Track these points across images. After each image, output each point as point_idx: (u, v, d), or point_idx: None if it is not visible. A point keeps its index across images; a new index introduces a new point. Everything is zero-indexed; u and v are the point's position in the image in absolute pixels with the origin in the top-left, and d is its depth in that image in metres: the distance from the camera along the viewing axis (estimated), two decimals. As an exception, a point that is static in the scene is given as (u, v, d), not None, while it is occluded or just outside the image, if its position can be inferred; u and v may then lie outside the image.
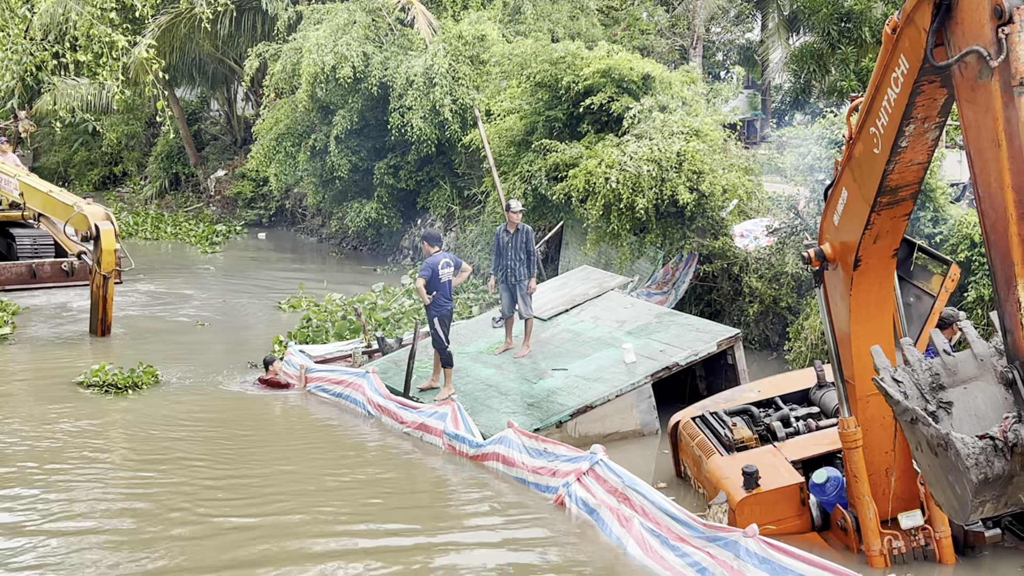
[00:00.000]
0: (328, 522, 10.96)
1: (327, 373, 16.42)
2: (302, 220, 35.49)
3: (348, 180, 28.78)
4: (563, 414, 13.27)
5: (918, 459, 7.34)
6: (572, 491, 10.89)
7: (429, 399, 14.49)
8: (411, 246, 28.33)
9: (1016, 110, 6.18)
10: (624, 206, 17.64)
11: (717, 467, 10.65)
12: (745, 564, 8.46)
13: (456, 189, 27.42)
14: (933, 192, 14.55)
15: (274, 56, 29.63)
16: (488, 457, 12.43)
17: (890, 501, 9.46)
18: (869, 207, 8.06)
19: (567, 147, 19.55)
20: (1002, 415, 6.72)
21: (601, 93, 19.56)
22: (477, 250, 23.95)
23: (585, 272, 18.23)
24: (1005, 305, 6.62)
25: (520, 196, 19.89)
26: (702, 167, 17.67)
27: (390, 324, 19.62)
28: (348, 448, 13.93)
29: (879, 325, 8.94)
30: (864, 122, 7.81)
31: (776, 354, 16.77)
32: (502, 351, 15.58)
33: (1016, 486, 6.65)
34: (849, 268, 8.64)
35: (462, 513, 11.57)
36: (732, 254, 17.75)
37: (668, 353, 14.02)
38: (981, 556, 9.60)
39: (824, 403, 11.44)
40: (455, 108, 25.79)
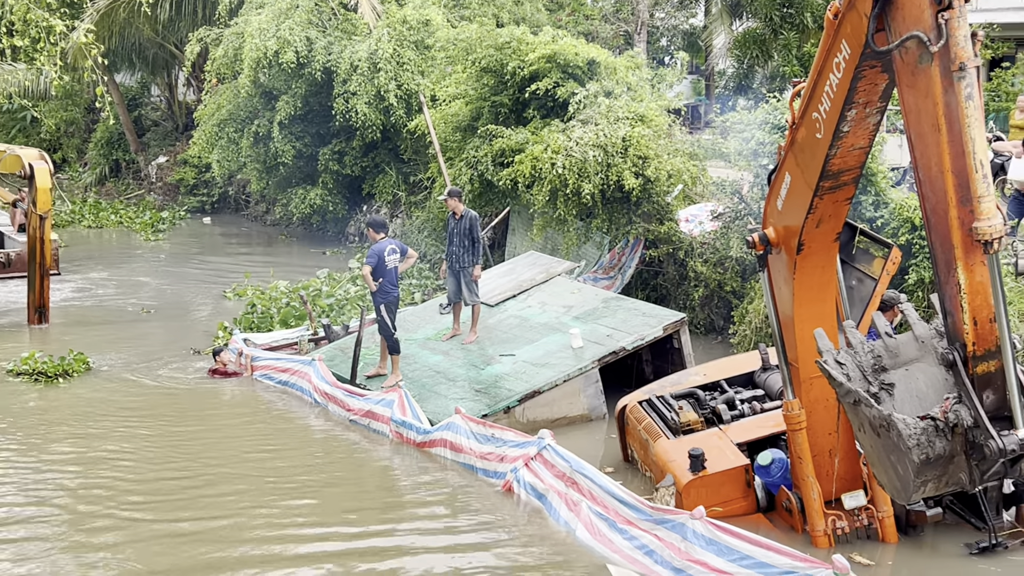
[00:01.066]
0: (271, 520, 10.74)
1: (273, 361, 16.29)
2: (246, 207, 35.13)
3: (292, 166, 28.52)
4: (511, 400, 13.28)
5: (861, 440, 7.45)
6: (520, 476, 10.90)
7: (376, 386, 14.43)
8: (357, 232, 28.15)
9: (956, 95, 6.27)
10: (570, 191, 17.66)
11: (664, 450, 10.72)
12: (692, 546, 8.54)
13: (402, 175, 27.28)
14: (874, 176, 14.72)
15: (215, 41, 29.22)
16: (436, 444, 12.41)
17: (834, 482, 9.58)
18: (812, 191, 8.14)
19: (513, 132, 19.53)
20: (943, 396, 6.84)
21: (547, 79, 19.55)
22: (424, 236, 23.85)
23: (532, 258, 18.24)
24: (945, 287, 6.73)
25: (466, 182, 19.85)
26: (647, 152, 17.73)
27: (335, 311, 19.50)
28: (293, 438, 13.80)
29: (822, 308, 9.04)
30: (806, 107, 7.88)
31: (721, 338, 16.91)
32: (449, 337, 15.55)
33: (957, 466, 6.77)
34: (792, 252, 8.71)
35: (409, 501, 11.53)
36: (677, 239, 17.85)
37: (615, 338, 14.08)
38: (923, 535, 9.75)
39: (769, 386, 11.56)
40: (400, 93, 25.63)
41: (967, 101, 6.23)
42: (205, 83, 31.15)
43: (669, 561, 8.69)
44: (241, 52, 27.02)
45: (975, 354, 6.62)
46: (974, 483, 6.85)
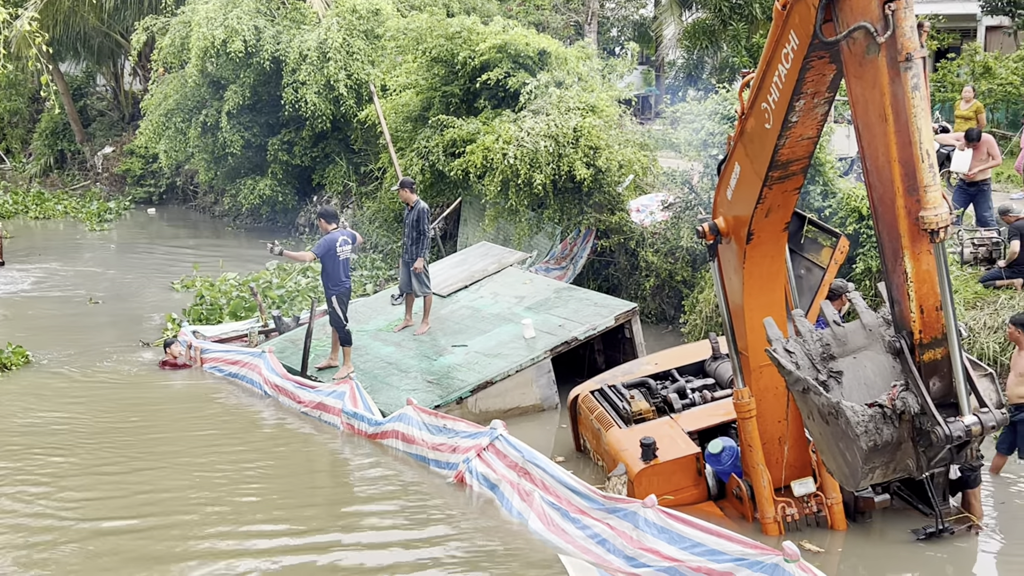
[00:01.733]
0: (221, 514, 10.58)
1: (222, 353, 16.15)
2: (194, 197, 34.78)
3: (241, 156, 28.28)
4: (463, 390, 13.26)
5: (810, 428, 7.51)
6: (473, 467, 10.89)
7: (327, 378, 14.35)
8: (307, 223, 27.96)
9: (902, 85, 6.33)
10: (522, 182, 17.66)
11: (616, 439, 10.76)
12: (644, 534, 8.58)
13: (352, 165, 27.14)
14: (822, 166, 14.85)
15: (162, 30, 28.89)
16: (387, 435, 12.36)
17: (783, 469, 9.66)
18: (761, 181, 8.18)
19: (464, 123, 19.47)
20: (890, 383, 6.91)
21: (497, 68, 19.51)
22: (375, 227, 23.74)
23: (484, 248, 18.22)
24: (892, 276, 6.80)
25: (417, 172, 19.77)
26: (598, 143, 17.76)
27: (287, 303, 19.37)
28: (243, 430, 13.68)
29: (771, 297, 9.10)
30: (755, 98, 7.91)
31: (672, 327, 16.99)
32: (401, 328, 15.50)
33: (904, 452, 6.85)
34: (742, 242, 8.76)
35: (361, 493, 11.48)
36: (628, 229, 17.91)
37: (567, 328, 14.10)
38: (871, 521, 9.87)
39: (719, 374, 11.63)
40: (350, 83, 25.49)
41: (913, 91, 6.29)
42: (152, 72, 30.78)
43: (621, 550, 8.72)
44: (188, 41, 26.74)
45: (922, 342, 6.69)
46: (921, 469, 6.93)
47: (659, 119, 25.38)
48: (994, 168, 16.17)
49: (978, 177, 15.19)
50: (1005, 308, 12.76)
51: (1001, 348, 12.32)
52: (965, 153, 14.94)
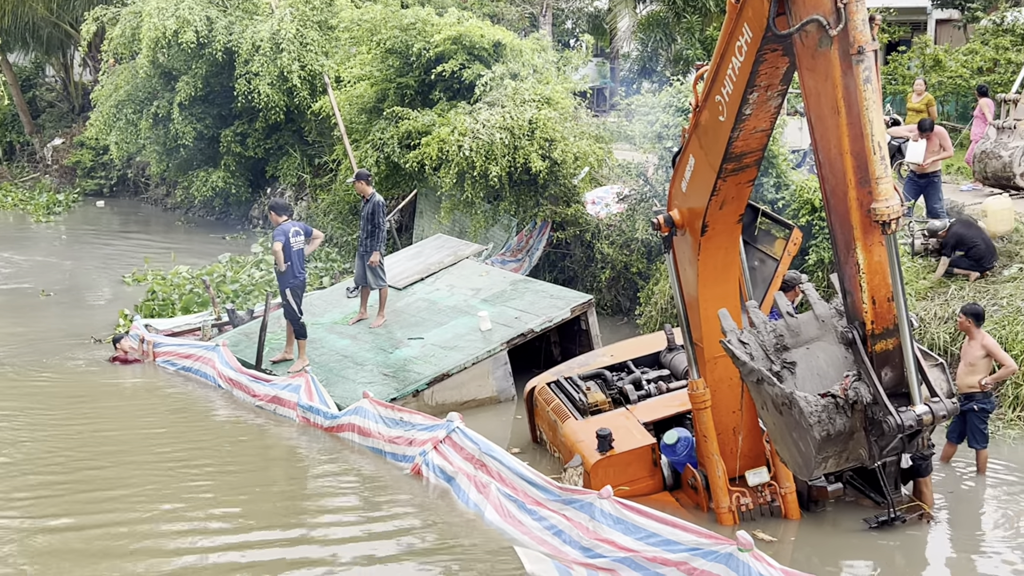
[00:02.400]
0: (174, 510, 10.40)
1: (175, 347, 16.00)
2: (145, 190, 34.43)
3: (193, 148, 28.02)
4: (420, 383, 13.23)
5: (764, 418, 7.57)
6: (429, 460, 10.87)
7: (282, 371, 14.26)
8: (261, 216, 27.77)
9: (854, 78, 6.38)
10: (477, 174, 17.63)
11: (572, 431, 10.78)
12: (600, 525, 8.60)
13: (306, 157, 26.99)
14: (775, 159, 14.96)
15: (112, 20, 28.52)
16: (343, 428, 12.32)
17: (738, 459, 9.73)
18: (715, 173, 8.22)
19: (419, 114, 19.40)
20: (843, 373, 6.98)
21: (452, 60, 19.46)
22: (330, 219, 23.61)
23: (440, 240, 18.18)
24: (845, 267, 6.86)
25: (372, 164, 19.67)
26: (554, 135, 17.77)
27: (241, 296, 19.21)
28: (197, 425, 13.57)
29: (726, 289, 9.16)
30: (710, 90, 7.94)
31: (628, 319, 17.06)
32: (356, 321, 15.43)
33: (857, 442, 6.92)
34: (697, 233, 8.80)
35: (317, 486, 11.43)
36: (584, 221, 17.95)
37: (523, 320, 14.11)
38: (824, 510, 9.97)
39: (674, 366, 11.69)
40: (304, 74, 25.33)
41: (865, 84, 6.35)
42: (102, 63, 30.43)
43: (577, 541, 8.74)
44: (139, 32, 26.43)
45: (874, 332, 6.76)
46: (873, 459, 7.01)
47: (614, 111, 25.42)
48: (944, 160, 16.36)
49: (929, 169, 15.37)
50: (955, 299, 12.93)
51: (951, 338, 12.48)
52: (919, 144, 15.09)
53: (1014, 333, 12.17)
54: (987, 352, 10.41)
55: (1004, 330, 12.20)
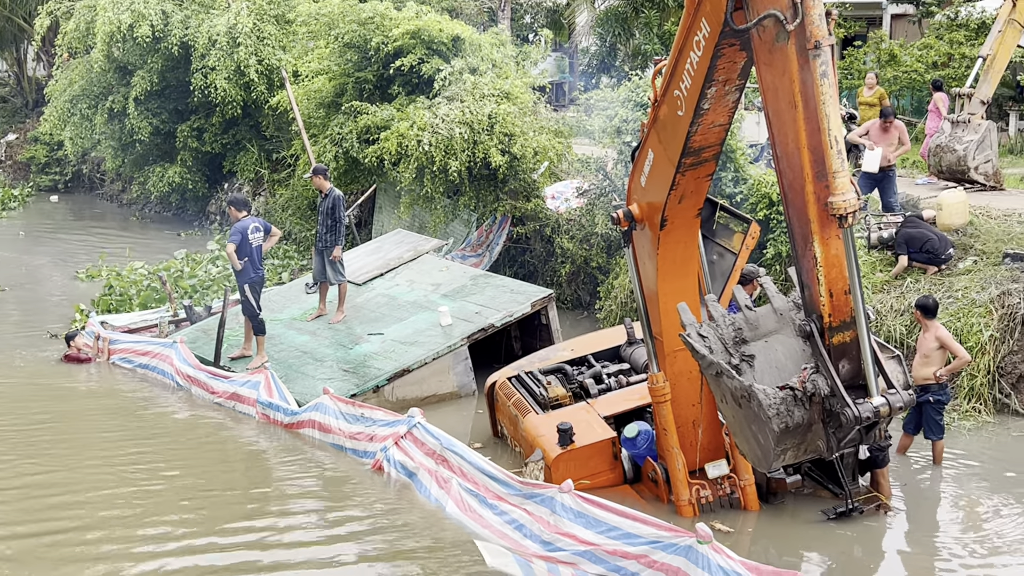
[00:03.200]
0: (132, 509, 10.29)
1: (132, 344, 15.84)
2: (101, 185, 34.06)
3: (149, 143, 27.76)
4: (380, 378, 13.20)
5: (723, 411, 7.62)
6: (390, 455, 10.85)
7: (241, 368, 14.17)
8: (218, 211, 27.55)
9: (811, 72, 6.43)
10: (437, 169, 17.59)
11: (533, 425, 10.80)
12: (561, 519, 8.62)
13: (264, 152, 26.80)
14: (733, 153, 15.05)
15: (67, 14, 28.18)
16: (304, 425, 12.26)
17: (698, 452, 9.79)
18: (674, 168, 8.25)
19: (378, 109, 19.33)
20: (801, 366, 7.03)
21: (411, 55, 19.39)
22: (288, 215, 23.45)
23: (399, 236, 18.13)
24: (802, 261, 6.91)
25: (331, 159, 19.57)
26: (513, 129, 17.76)
27: (198, 292, 19.06)
28: (155, 423, 13.42)
29: (685, 283, 9.20)
30: (668, 85, 7.97)
31: (588, 313, 17.09)
32: (315, 317, 15.35)
33: (815, 434, 6.98)
34: (656, 228, 8.84)
35: (277, 483, 11.34)
36: (544, 216, 17.96)
37: (484, 315, 14.10)
38: (783, 502, 10.04)
39: (634, 359, 11.74)
40: (261, 69, 25.14)
41: (822, 79, 6.40)
42: (56, 58, 30.01)
43: (538, 535, 8.76)
44: (94, 25, 26.12)
45: (831, 325, 6.82)
46: (831, 450, 7.07)
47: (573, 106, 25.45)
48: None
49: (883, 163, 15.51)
50: (911, 291, 13.07)
51: (907, 330, 12.62)
52: (875, 152, 15.23)
53: (968, 325, 12.33)
54: (941, 344, 10.54)
55: (959, 322, 12.36)
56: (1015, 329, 12.35)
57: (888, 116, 15.86)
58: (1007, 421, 12.07)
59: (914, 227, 13.81)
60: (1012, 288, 12.58)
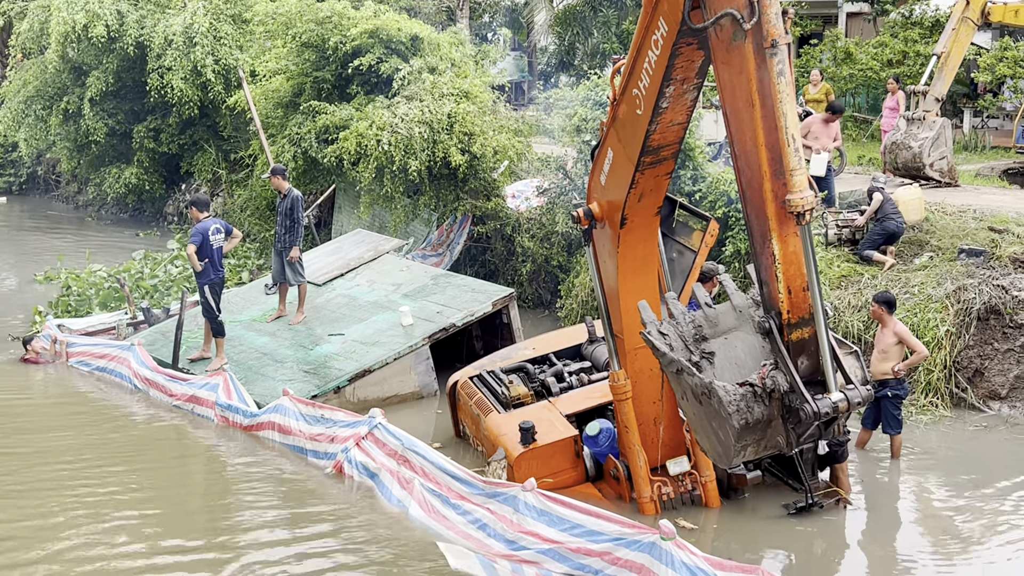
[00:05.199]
0: (90, 515, 10.15)
1: (90, 347, 15.67)
2: (56, 187, 33.67)
3: (105, 144, 27.50)
4: (341, 379, 13.14)
5: (684, 408, 7.65)
6: (351, 456, 10.80)
7: (200, 370, 14.05)
8: (176, 212, 27.33)
9: (768, 71, 6.46)
10: (396, 168, 17.54)
11: (495, 424, 10.79)
12: (524, 517, 8.63)
13: (222, 152, 26.63)
14: (692, 151, 15.13)
15: (20, 14, 27.90)
16: (263, 427, 12.18)
17: (659, 449, 9.83)
18: (633, 166, 8.28)
19: (337, 109, 19.24)
20: (760, 363, 7.07)
21: (370, 54, 19.31)
22: (247, 215, 23.30)
23: (359, 236, 18.06)
24: (761, 258, 6.95)
25: (289, 159, 19.46)
26: (473, 129, 17.75)
27: (160, 292, 18.89)
28: (112, 426, 13.27)
29: (645, 281, 9.23)
30: (627, 84, 7.99)
31: (549, 312, 17.12)
32: (275, 318, 15.26)
33: (774, 430, 7.02)
34: (616, 226, 8.86)
35: (237, 486, 11.26)
36: (504, 215, 17.96)
37: (445, 314, 14.08)
38: (743, 497, 10.11)
39: (595, 357, 11.76)
40: (218, 69, 24.97)
41: (779, 77, 6.44)
42: (9, 59, 29.68)
43: (502, 534, 8.76)
44: (48, 26, 25.88)
45: (790, 322, 6.86)
46: (791, 446, 7.12)
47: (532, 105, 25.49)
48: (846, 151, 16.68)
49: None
50: (868, 287, 13.20)
51: (865, 326, 12.74)
52: (820, 156, 15.36)
53: (925, 320, 12.47)
54: (899, 339, 10.65)
55: (916, 317, 12.50)
56: (971, 324, 12.51)
57: (839, 111, 16.02)
58: (964, 415, 12.22)
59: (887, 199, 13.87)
60: (967, 283, 12.74)
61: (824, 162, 15.33)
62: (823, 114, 16.14)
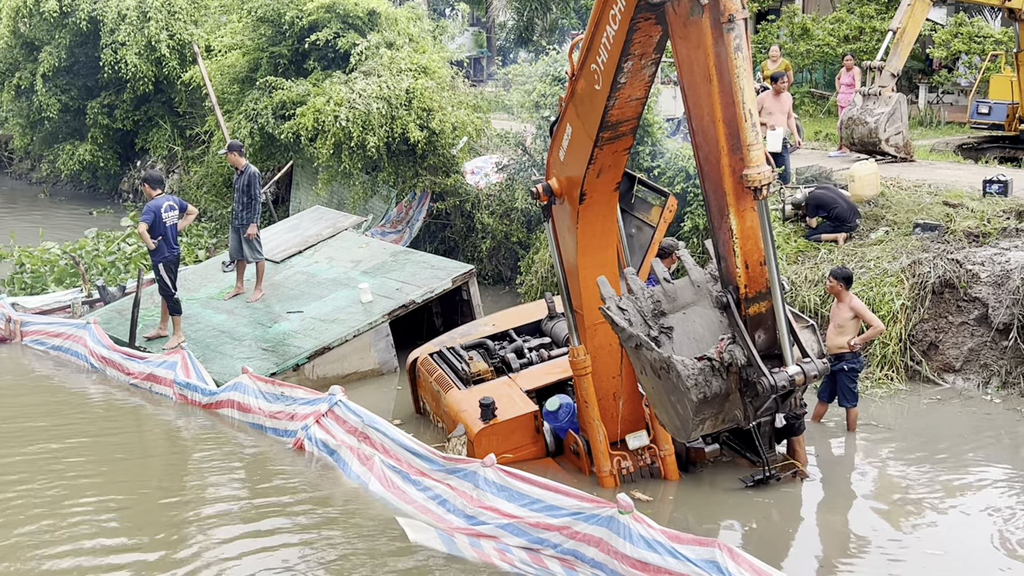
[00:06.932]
0: (50, 496, 10.05)
1: (44, 326, 15.50)
2: (9, 164, 33.20)
3: (59, 121, 27.13)
4: (300, 357, 13.09)
5: (643, 382, 7.69)
6: (311, 434, 10.78)
7: (157, 348, 13.94)
8: (131, 189, 27.04)
9: (725, 46, 6.48)
10: (355, 144, 17.43)
11: (455, 401, 10.81)
12: (484, 493, 8.66)
13: (177, 129, 26.34)
14: (651, 127, 15.15)
15: (-32, -12, 27.35)
16: (223, 405, 12.12)
17: (618, 424, 9.88)
18: (592, 142, 8.28)
19: (293, 84, 19.05)
20: (718, 337, 7.12)
21: (326, 29, 19.13)
22: (203, 192, 23.08)
23: (318, 212, 17.96)
24: (718, 233, 6.99)
25: (246, 136, 19.27)
26: (431, 104, 17.66)
27: (117, 270, 18.68)
28: (69, 406, 13.15)
29: (604, 256, 9.26)
30: (585, 59, 7.98)
31: (509, 288, 17.13)
32: (232, 296, 15.16)
33: (732, 403, 7.08)
34: (575, 202, 8.87)
35: (197, 465, 11.21)
36: (464, 191, 17.92)
37: (404, 291, 14.05)
38: (702, 471, 10.20)
39: (555, 333, 11.79)
40: (173, 44, 24.68)
41: (736, 52, 6.46)
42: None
43: (461, 509, 8.78)
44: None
45: (747, 296, 6.92)
46: (748, 419, 7.19)
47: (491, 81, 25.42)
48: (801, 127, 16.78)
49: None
50: (825, 262, 13.31)
51: (821, 300, 12.85)
52: (776, 132, 15.44)
53: (881, 295, 12.60)
54: (855, 314, 10.76)
55: (871, 292, 12.62)
56: (926, 298, 12.66)
57: (776, 79, 16.13)
58: (918, 388, 12.38)
59: (825, 190, 14.10)
60: (922, 257, 12.88)
61: (780, 138, 15.42)
62: (773, 86, 16.22)
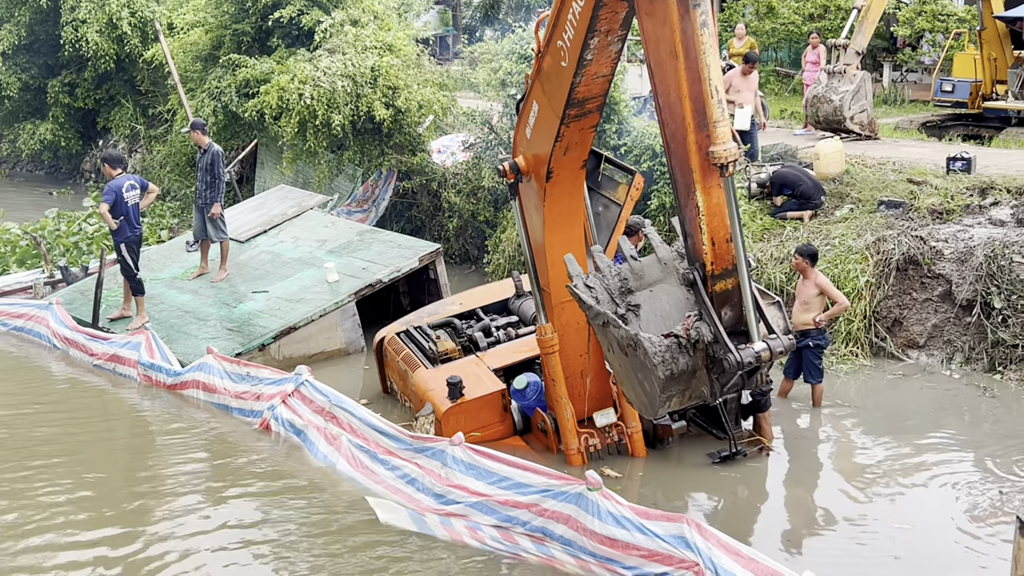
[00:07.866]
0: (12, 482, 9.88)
1: (6, 306, 15.33)
2: (-32, 144, 32.71)
3: (18, 100, 26.78)
4: (265, 337, 13.01)
5: (610, 360, 7.69)
6: (278, 414, 10.73)
7: (121, 329, 13.82)
8: (93, 168, 26.74)
9: (691, 22, 6.45)
10: (320, 123, 17.30)
11: (423, 380, 10.79)
12: (452, 471, 8.66)
13: (140, 107, 26.07)
14: (617, 105, 15.13)
15: (-77, -37, 26.88)
16: (188, 385, 12.03)
17: (586, 402, 9.90)
18: (559, 119, 8.25)
19: (257, 62, 18.90)
20: (685, 314, 7.12)
21: (290, 6, 18.99)
22: (166, 171, 22.87)
23: (283, 191, 17.83)
24: (685, 210, 6.98)
25: (209, 114, 19.10)
26: (397, 83, 17.56)
27: (78, 249, 18.49)
28: (32, 387, 13.03)
29: (571, 234, 9.24)
30: (551, 36, 7.94)
31: (476, 267, 17.10)
32: (197, 275, 15.04)
33: (699, 380, 7.09)
34: (542, 180, 8.84)
35: (163, 446, 11.12)
36: (430, 170, 17.85)
37: (371, 271, 13.99)
38: (669, 447, 10.25)
39: (522, 312, 11.79)
40: (134, 21, 24.40)
41: (702, 28, 6.43)
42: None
43: (430, 488, 8.78)
44: (-46, -23, 25.02)
45: (713, 273, 6.92)
46: (715, 395, 7.20)
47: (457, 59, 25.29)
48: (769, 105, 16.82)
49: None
50: (790, 240, 13.37)
51: (787, 278, 12.92)
52: (744, 111, 15.47)
53: (846, 272, 12.67)
54: (820, 290, 10.82)
55: (836, 268, 12.70)
56: (890, 275, 12.75)
57: (754, 60, 16.15)
58: (883, 364, 12.48)
59: (789, 169, 14.17)
60: (887, 235, 12.96)
61: (748, 116, 15.46)
62: (742, 66, 16.25)
